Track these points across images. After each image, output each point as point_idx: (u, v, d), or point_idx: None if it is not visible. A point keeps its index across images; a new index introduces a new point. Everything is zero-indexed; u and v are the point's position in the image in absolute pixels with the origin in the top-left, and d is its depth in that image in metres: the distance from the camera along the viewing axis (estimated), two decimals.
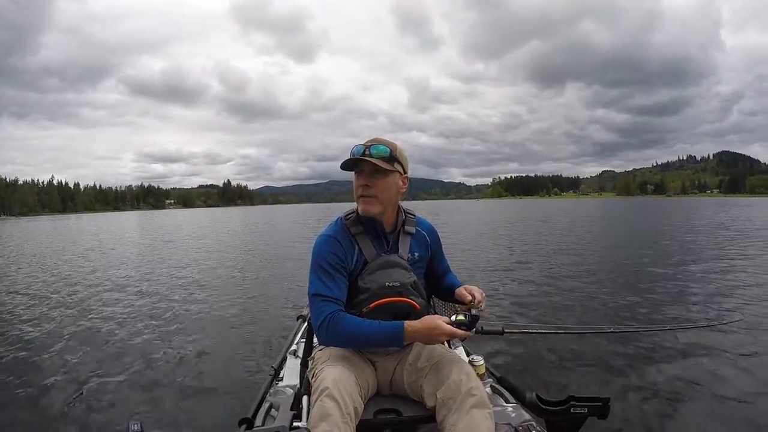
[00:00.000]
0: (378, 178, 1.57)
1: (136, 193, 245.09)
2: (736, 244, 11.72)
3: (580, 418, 1.54)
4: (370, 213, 1.60)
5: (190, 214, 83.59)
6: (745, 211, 33.34)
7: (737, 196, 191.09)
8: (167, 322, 5.30)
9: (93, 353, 4.19)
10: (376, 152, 1.55)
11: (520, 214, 33.61)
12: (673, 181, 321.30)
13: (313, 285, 1.55)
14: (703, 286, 6.38)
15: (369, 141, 1.60)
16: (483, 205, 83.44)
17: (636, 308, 5.22)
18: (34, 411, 3.04)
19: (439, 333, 1.41)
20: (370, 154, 1.55)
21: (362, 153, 1.56)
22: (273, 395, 1.85)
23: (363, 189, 1.58)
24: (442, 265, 1.85)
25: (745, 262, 8.40)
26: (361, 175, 1.59)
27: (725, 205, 48.04)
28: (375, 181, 1.57)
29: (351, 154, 1.58)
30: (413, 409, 1.54)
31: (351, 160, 1.57)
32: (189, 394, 3.24)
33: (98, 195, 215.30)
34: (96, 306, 6.29)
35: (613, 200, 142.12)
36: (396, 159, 1.59)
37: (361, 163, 1.56)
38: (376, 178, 1.57)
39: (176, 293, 7.05)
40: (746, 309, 5.01)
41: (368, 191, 1.58)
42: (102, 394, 3.26)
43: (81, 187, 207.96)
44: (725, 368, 3.29)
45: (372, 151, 1.56)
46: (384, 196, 1.59)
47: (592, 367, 3.47)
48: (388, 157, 1.57)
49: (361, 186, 1.58)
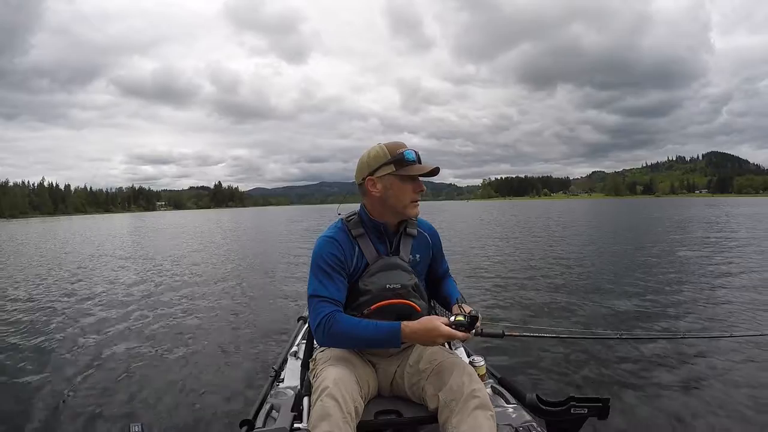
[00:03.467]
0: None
1: (126, 195, 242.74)
2: (746, 249, 11.03)
3: (581, 418, 1.55)
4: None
5: (183, 216, 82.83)
6: (736, 210, 33.52)
7: (725, 196, 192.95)
8: (167, 324, 5.26)
9: (93, 356, 4.16)
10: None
11: (507, 216, 33.26)
12: (662, 181, 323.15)
13: (312, 285, 1.56)
14: (703, 292, 6.18)
15: (405, 147, 1.61)
16: (472, 207, 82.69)
17: (639, 313, 5.15)
18: (33, 414, 3.01)
19: (437, 334, 1.40)
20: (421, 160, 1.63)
21: (419, 159, 1.61)
22: (274, 396, 1.84)
23: (421, 194, 1.64)
24: (442, 267, 1.85)
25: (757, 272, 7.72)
26: (417, 182, 1.61)
27: (713, 206, 48.24)
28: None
29: (404, 157, 1.58)
30: (414, 411, 1.55)
31: (434, 169, 1.61)
32: (190, 396, 3.23)
33: (89, 197, 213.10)
34: (95, 308, 6.24)
35: (602, 201, 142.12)
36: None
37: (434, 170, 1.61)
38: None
39: (176, 295, 6.99)
40: (761, 321, 4.74)
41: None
42: (103, 398, 3.24)
43: (72, 189, 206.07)
44: (731, 377, 3.24)
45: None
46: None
47: (593, 370, 3.46)
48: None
49: (419, 192, 1.62)
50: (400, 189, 1.58)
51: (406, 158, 1.57)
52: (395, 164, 1.57)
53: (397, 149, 1.58)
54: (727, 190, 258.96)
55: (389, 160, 1.57)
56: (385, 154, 1.57)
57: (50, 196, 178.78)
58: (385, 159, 1.57)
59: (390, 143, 1.61)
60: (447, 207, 76.72)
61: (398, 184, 1.58)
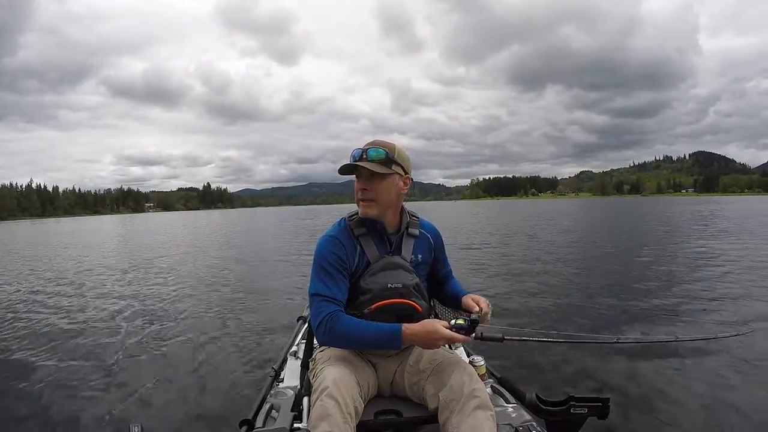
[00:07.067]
0: (375, 182, 1.57)
1: (115, 197, 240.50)
2: (737, 246, 11.06)
3: (580, 418, 1.56)
4: (369, 215, 1.62)
5: (172, 217, 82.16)
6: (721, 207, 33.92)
7: (710, 195, 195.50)
8: (166, 324, 5.21)
9: (92, 356, 4.13)
10: (371, 156, 1.56)
11: (492, 219, 33.00)
12: (649, 180, 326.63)
13: (314, 285, 1.56)
14: (707, 293, 6.10)
15: (368, 144, 1.61)
16: (459, 207, 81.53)
17: (638, 316, 5.11)
18: (33, 414, 2.99)
19: (438, 337, 1.41)
20: (366, 158, 1.57)
21: (359, 157, 1.57)
22: (273, 396, 1.83)
23: (361, 193, 1.60)
24: (444, 269, 1.85)
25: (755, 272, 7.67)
26: (359, 180, 1.60)
27: (695, 203, 48.45)
28: (372, 185, 1.58)
29: (351, 158, 1.60)
30: (414, 411, 1.55)
31: (348, 165, 1.59)
32: (189, 397, 3.20)
33: (78, 198, 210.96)
34: (94, 308, 6.18)
35: (588, 200, 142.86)
36: (394, 161, 1.59)
37: (358, 167, 1.58)
38: (374, 181, 1.58)
39: (174, 296, 6.91)
40: (757, 319, 4.73)
41: (366, 195, 1.59)
42: (102, 398, 3.21)
43: (60, 191, 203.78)
44: (729, 379, 3.25)
45: (368, 155, 1.57)
46: (383, 198, 1.60)
47: (593, 371, 3.46)
48: (385, 160, 1.57)
49: (360, 190, 1.60)
50: (354, 189, 1.63)
51: (351, 157, 1.60)
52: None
53: (357, 148, 1.61)
54: (712, 189, 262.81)
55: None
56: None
57: (38, 198, 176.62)
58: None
59: (369, 142, 1.63)
60: (430, 208, 74.86)
61: (354, 184, 1.63)
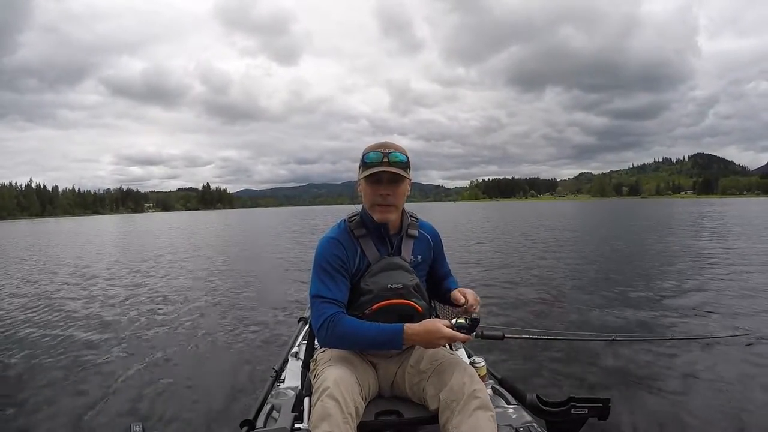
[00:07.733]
0: (397, 186, 1.55)
1: (114, 197, 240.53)
2: (739, 248, 11.06)
3: (581, 419, 1.57)
4: (388, 220, 1.60)
5: (171, 217, 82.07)
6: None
7: (709, 197, 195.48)
8: (167, 324, 5.23)
9: (93, 356, 4.14)
10: (395, 160, 1.53)
11: (490, 220, 33.02)
12: (648, 182, 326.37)
13: (315, 286, 1.56)
14: (706, 293, 6.14)
15: (382, 146, 1.56)
16: (458, 208, 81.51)
17: (638, 315, 5.12)
18: (33, 414, 2.99)
19: (439, 337, 1.41)
20: (389, 162, 1.52)
21: (381, 160, 1.53)
22: (274, 397, 1.84)
23: (383, 198, 1.55)
24: (443, 269, 1.85)
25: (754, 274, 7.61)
26: (379, 184, 1.55)
27: (694, 205, 48.48)
28: (394, 189, 1.55)
29: (366, 159, 1.56)
30: (414, 411, 1.55)
31: (379, 171, 1.52)
32: (190, 397, 3.21)
33: (77, 198, 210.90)
34: (95, 309, 6.18)
35: (587, 202, 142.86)
36: (409, 165, 1.58)
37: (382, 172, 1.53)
38: (395, 186, 1.55)
39: (176, 297, 6.92)
40: (754, 322, 4.72)
41: (389, 200, 1.56)
42: (103, 397, 3.21)
43: (59, 190, 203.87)
44: (729, 379, 3.25)
45: (391, 159, 1.53)
46: (400, 203, 1.60)
47: (593, 371, 3.47)
48: (405, 164, 1.56)
49: (381, 195, 1.55)
50: (365, 191, 1.58)
51: (365, 160, 1.56)
52: (362, 166, 1.57)
53: (372, 150, 1.56)
54: (712, 191, 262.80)
55: (360, 162, 1.58)
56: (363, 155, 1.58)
57: (38, 198, 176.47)
58: (361, 161, 1.58)
59: (373, 144, 1.60)
60: (429, 209, 75.39)
61: (365, 186, 1.57)
